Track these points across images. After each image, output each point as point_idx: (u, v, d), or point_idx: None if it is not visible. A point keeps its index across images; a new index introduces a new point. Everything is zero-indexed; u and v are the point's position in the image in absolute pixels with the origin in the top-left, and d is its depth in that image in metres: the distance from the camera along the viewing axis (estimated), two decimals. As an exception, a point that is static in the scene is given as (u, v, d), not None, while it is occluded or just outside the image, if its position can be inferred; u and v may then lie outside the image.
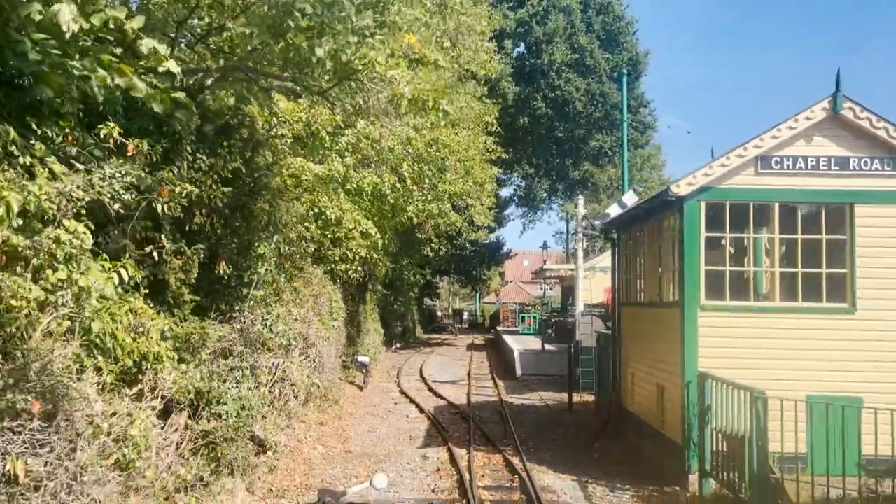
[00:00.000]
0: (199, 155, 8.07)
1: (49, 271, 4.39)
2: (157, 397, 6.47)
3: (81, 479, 4.55)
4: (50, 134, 5.24)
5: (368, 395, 19.62)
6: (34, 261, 4.29)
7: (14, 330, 4.14)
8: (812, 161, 9.96)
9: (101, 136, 5.87)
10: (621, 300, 14.07)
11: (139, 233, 6.69)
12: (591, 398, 17.59)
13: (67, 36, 4.12)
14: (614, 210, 16.37)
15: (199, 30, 9.52)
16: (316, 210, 14.69)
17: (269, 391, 10.78)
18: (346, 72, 8.24)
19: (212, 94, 9.39)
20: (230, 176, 8.37)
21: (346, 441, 13.36)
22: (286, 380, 11.77)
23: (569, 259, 47.43)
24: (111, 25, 4.88)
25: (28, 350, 4.23)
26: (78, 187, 4.89)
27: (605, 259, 26.53)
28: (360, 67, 7.67)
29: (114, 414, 5.46)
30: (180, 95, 6.18)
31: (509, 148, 36.32)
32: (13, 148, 4.61)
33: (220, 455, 8.56)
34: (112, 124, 5.87)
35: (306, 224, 13.77)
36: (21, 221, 4.15)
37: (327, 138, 13.88)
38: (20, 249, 4.14)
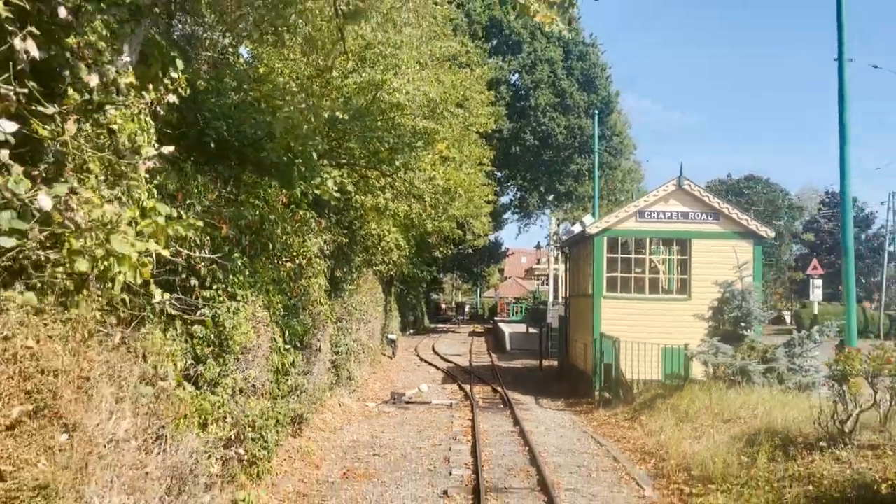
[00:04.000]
0: (332, 214, 15.49)
1: (317, 279, 11.71)
2: (327, 336, 13.91)
3: (331, 352, 12.07)
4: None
5: (397, 362, 27.07)
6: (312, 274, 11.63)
7: (311, 300, 11.49)
8: (668, 214, 17.38)
9: (303, 215, 13.28)
10: (570, 294, 21.55)
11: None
12: (555, 363, 25.06)
13: (332, 191, 11.53)
14: (577, 228, 23.85)
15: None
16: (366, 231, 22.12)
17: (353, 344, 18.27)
18: (408, 168, 15.71)
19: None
20: (347, 224, 15.82)
21: (392, 382, 20.84)
22: (358, 340, 19.26)
23: (558, 259, 54.86)
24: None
25: (315, 308, 11.62)
26: (319, 247, 12.23)
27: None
28: (418, 171, 15.10)
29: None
30: (338, 194, 13.59)
31: (505, 168, 43.84)
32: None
33: (337, 374, 16.04)
34: (313, 212, 13.26)
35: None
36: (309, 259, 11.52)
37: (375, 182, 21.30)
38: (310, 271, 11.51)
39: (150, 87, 3.74)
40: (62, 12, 3.13)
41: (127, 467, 3.72)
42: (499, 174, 43.89)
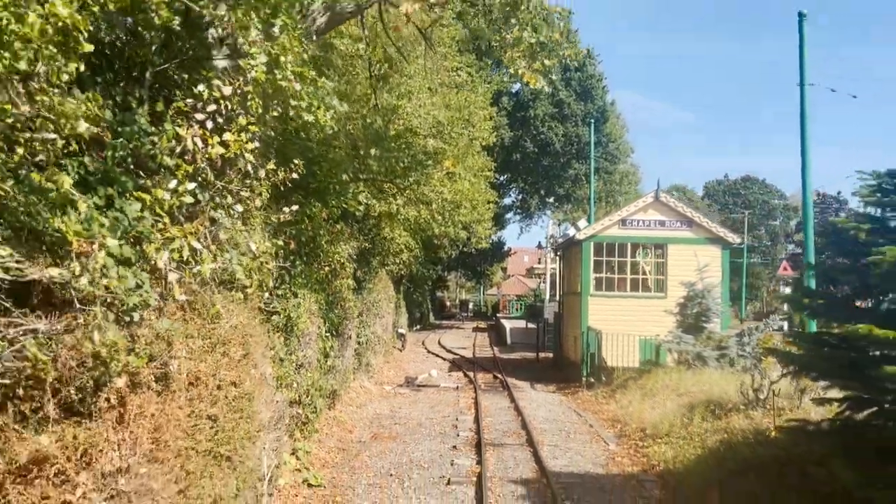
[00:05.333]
0: (355, 223, 18.01)
1: (347, 280, 14.19)
2: (353, 327, 16.45)
3: (355, 341, 14.57)
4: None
5: (407, 354, 29.61)
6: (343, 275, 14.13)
7: (342, 297, 13.96)
8: (648, 222, 19.85)
9: (339, 228, 15.81)
10: (563, 292, 24.05)
11: (343, 261, 16.66)
12: (550, 354, 27.59)
13: (361, 208, 14.03)
14: (571, 231, 26.35)
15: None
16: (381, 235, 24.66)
17: (371, 335, 20.82)
18: (420, 183, 18.25)
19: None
20: (368, 231, 18.35)
21: (403, 370, 23.38)
22: (375, 332, 21.81)
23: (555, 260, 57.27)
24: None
25: (345, 304, 14.10)
26: (348, 252, 14.72)
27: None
28: (428, 184, 17.65)
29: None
30: (362, 207, 16.11)
31: (507, 173, 46.36)
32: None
33: (360, 360, 18.58)
34: (343, 224, 15.78)
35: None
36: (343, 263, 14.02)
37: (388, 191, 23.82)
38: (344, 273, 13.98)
39: (280, 169, 6.26)
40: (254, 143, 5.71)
41: (266, 396, 6.20)
42: (501, 178, 46.41)
